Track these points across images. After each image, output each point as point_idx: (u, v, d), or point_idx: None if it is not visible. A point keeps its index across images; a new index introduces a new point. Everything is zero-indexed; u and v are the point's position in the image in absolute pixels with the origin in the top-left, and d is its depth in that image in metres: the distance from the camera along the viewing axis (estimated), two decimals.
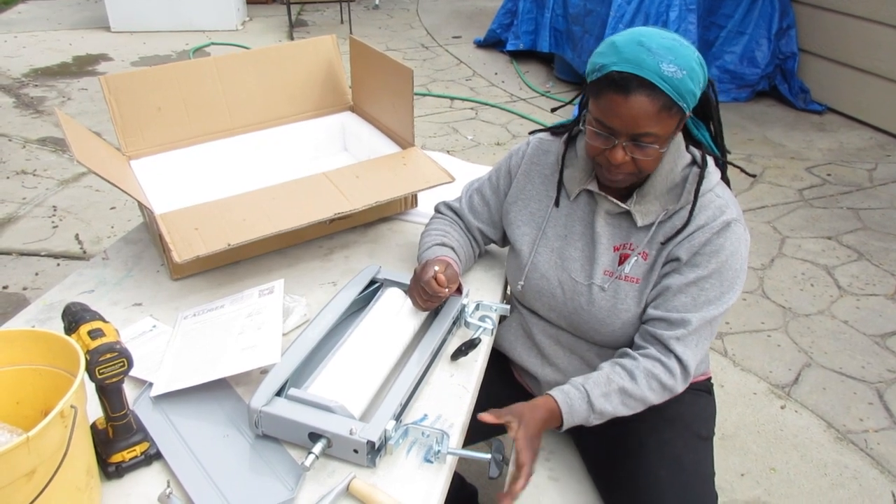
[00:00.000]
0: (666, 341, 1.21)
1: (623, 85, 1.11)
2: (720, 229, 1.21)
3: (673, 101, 1.11)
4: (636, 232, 1.28)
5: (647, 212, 1.26)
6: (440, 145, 4.22)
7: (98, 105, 4.69)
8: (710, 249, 1.21)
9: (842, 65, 4.57)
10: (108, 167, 1.43)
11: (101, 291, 1.44)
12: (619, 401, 1.20)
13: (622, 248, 1.29)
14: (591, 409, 1.19)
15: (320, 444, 1.03)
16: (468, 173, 1.65)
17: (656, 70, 1.09)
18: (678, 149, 1.26)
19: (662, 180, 1.25)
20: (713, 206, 1.23)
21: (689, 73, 1.11)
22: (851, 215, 3.48)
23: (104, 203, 3.54)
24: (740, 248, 1.23)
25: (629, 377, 1.21)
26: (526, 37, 5.53)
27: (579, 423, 1.20)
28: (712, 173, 1.25)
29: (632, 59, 1.11)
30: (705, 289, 1.21)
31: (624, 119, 1.13)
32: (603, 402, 1.19)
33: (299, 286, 1.46)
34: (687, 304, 1.21)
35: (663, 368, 1.21)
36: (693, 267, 1.22)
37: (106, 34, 6.36)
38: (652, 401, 1.22)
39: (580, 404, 1.19)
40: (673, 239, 1.24)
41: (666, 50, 1.11)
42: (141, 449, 1.04)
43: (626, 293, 1.27)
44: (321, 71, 1.87)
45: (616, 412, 1.21)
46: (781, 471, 2.10)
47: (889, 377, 2.45)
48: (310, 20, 7.06)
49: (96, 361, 0.93)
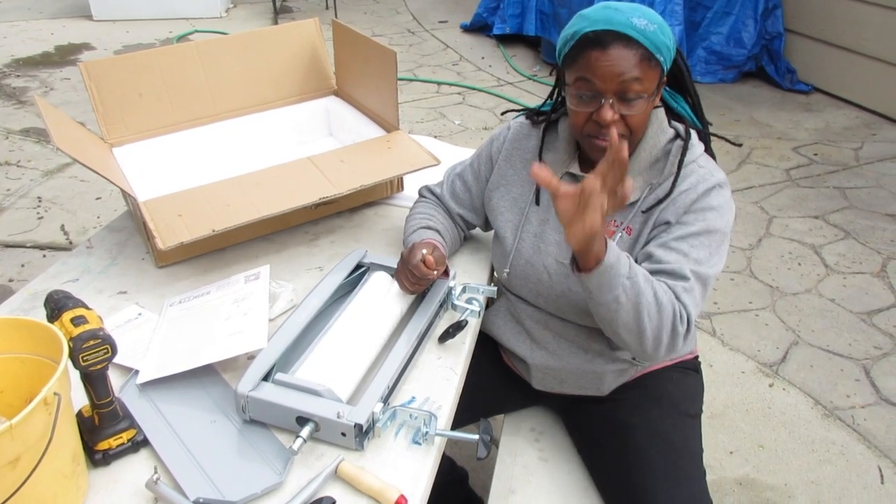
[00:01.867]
0: (674, 289, 1.15)
1: (599, 40, 1.12)
2: (707, 189, 1.20)
3: (650, 53, 1.12)
4: (620, 209, 1.26)
5: (632, 189, 1.25)
6: (428, 130, 4.21)
7: (81, 94, 4.64)
8: (697, 207, 1.20)
9: (827, 44, 4.57)
10: (89, 154, 1.42)
11: (86, 280, 1.43)
12: (646, 285, 1.11)
13: (606, 225, 1.27)
14: (630, 268, 1.10)
15: (308, 427, 1.02)
16: (455, 157, 1.65)
17: (628, 24, 1.12)
18: (660, 124, 1.26)
19: (646, 155, 1.25)
20: (697, 175, 1.22)
21: (659, 27, 1.13)
22: (838, 194, 3.50)
23: (90, 193, 3.51)
24: (726, 211, 1.22)
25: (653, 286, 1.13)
26: (512, 20, 5.51)
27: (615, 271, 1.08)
28: (696, 145, 1.25)
29: (602, 19, 1.13)
30: (695, 246, 1.18)
31: (606, 73, 1.12)
32: (638, 275, 1.11)
33: (285, 272, 1.46)
34: (680, 260, 1.17)
35: (676, 305, 1.14)
36: (682, 225, 1.20)
37: (88, 23, 6.29)
38: (665, 321, 1.13)
39: (622, 256, 1.10)
40: (656, 206, 1.22)
41: (632, 9, 1.14)
42: (128, 436, 1.03)
43: None
44: (305, 55, 1.85)
45: (639, 296, 1.10)
46: (770, 448, 2.12)
47: (875, 354, 2.47)
48: (295, 6, 7.00)
49: (80, 348, 0.92)
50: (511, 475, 1.39)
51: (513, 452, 1.44)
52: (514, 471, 1.40)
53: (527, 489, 1.37)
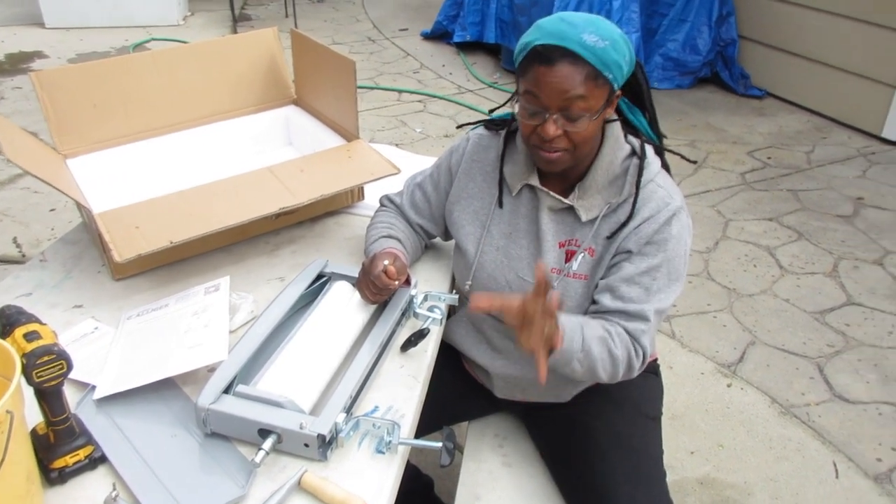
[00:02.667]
0: (631, 333, 1.21)
1: (547, 56, 1.12)
2: (667, 219, 1.22)
3: (598, 71, 1.12)
4: (580, 227, 1.27)
5: (590, 206, 1.26)
6: (389, 138, 4.21)
7: (33, 104, 4.52)
8: (659, 238, 1.22)
9: (779, 50, 4.70)
10: (41, 166, 1.39)
11: (40, 294, 1.40)
12: (600, 349, 1.17)
13: (567, 245, 1.28)
14: (583, 342, 1.15)
15: (270, 439, 1.02)
16: (415, 165, 1.65)
17: (578, 40, 1.11)
18: (617, 140, 1.26)
19: (603, 173, 1.25)
20: (656, 197, 1.23)
21: (612, 43, 1.12)
22: (791, 197, 3.59)
23: (43, 205, 3.43)
24: (685, 237, 1.25)
25: (608, 335, 1.19)
26: (472, 28, 5.54)
27: (569, 352, 1.14)
28: (652, 163, 1.26)
29: (554, 32, 1.13)
30: (657, 278, 1.22)
31: (550, 89, 1.13)
32: (592, 343, 1.16)
33: (246, 283, 1.44)
34: (641, 295, 1.21)
35: (632, 345, 1.21)
36: (643, 256, 1.22)
37: (40, 31, 6.15)
38: (619, 369, 1.20)
39: (575, 333, 1.15)
40: (619, 232, 1.23)
41: (587, 23, 1.13)
42: (85, 453, 1.01)
43: (576, 290, 1.28)
44: (263, 64, 1.84)
45: (596, 361, 1.17)
46: (729, 447, 2.17)
47: (828, 352, 2.54)
48: (254, 14, 6.95)
49: (33, 364, 0.90)
50: (476, 481, 1.40)
51: (477, 459, 1.45)
52: (478, 477, 1.41)
53: (492, 495, 1.37)
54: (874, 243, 3.18)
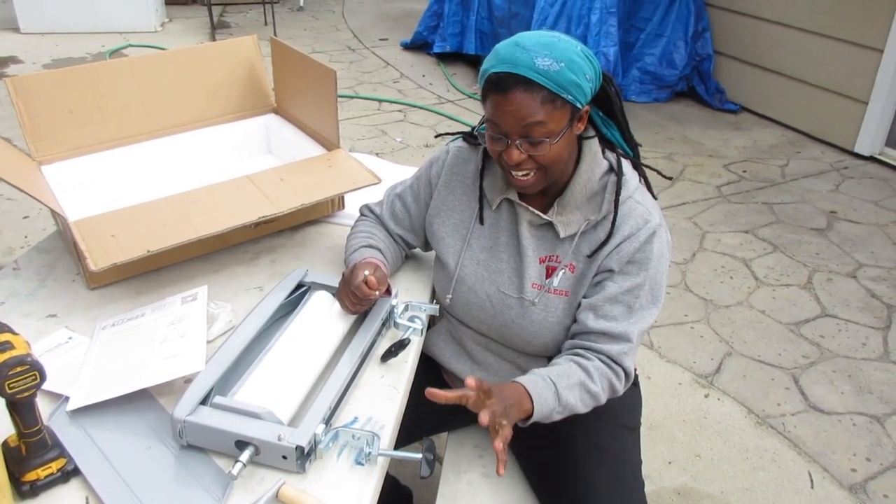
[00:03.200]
0: (613, 357, 1.22)
1: (501, 84, 1.12)
2: (648, 237, 1.22)
3: (555, 94, 1.11)
4: (560, 243, 1.27)
5: (569, 222, 1.26)
6: (369, 147, 4.20)
7: (6, 110, 4.46)
8: (640, 257, 1.22)
9: (753, 66, 4.77)
10: (15, 173, 1.37)
11: (12, 303, 1.37)
12: (579, 395, 1.19)
13: (548, 260, 1.28)
14: (558, 399, 1.16)
15: (248, 451, 1.01)
16: (396, 175, 1.65)
17: (530, 65, 1.10)
18: (595, 156, 1.26)
19: (581, 189, 1.25)
20: (636, 215, 1.23)
21: (567, 64, 1.11)
22: (766, 209, 3.64)
23: (16, 212, 3.38)
24: (665, 254, 1.26)
25: (586, 374, 1.20)
26: (452, 39, 5.57)
27: (545, 413, 1.15)
28: (630, 179, 1.26)
29: (507, 59, 1.13)
30: (639, 296, 1.23)
31: (508, 117, 1.13)
32: (567, 393, 1.17)
33: (224, 292, 1.43)
34: (624, 314, 1.22)
35: (613, 373, 1.23)
36: (625, 275, 1.23)
37: (15, 35, 6.07)
38: (601, 400, 1.23)
39: (547, 393, 1.15)
40: (600, 251, 1.24)
41: (541, 46, 1.12)
42: (57, 465, 0.99)
43: (556, 306, 1.28)
44: (243, 72, 1.83)
45: (576, 407, 1.19)
46: (706, 457, 2.18)
47: (803, 363, 2.57)
48: (232, 21, 6.92)
49: (5, 375, 0.88)
50: (455, 492, 1.39)
51: (457, 470, 1.44)
52: (458, 488, 1.40)
53: None
54: (847, 256, 3.23)
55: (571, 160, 1.25)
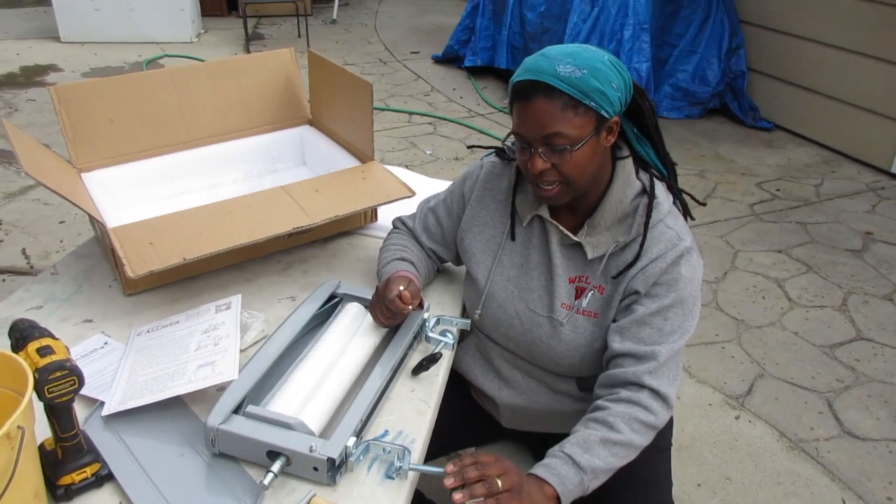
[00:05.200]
0: (637, 379, 1.16)
1: (524, 92, 1.13)
2: (676, 258, 1.19)
3: (576, 100, 1.11)
4: (589, 264, 1.25)
5: (598, 244, 1.24)
6: (399, 160, 4.22)
7: (47, 116, 4.57)
8: (668, 279, 1.19)
9: (788, 83, 4.72)
10: (57, 179, 1.40)
11: (50, 307, 1.39)
12: (606, 452, 1.11)
13: (577, 281, 1.27)
14: (580, 469, 1.08)
15: (279, 462, 1.01)
16: (427, 188, 1.65)
17: (552, 72, 1.11)
18: (628, 177, 1.24)
19: (612, 210, 1.23)
20: (665, 239, 1.21)
21: (590, 71, 1.11)
22: (800, 229, 3.58)
23: (53, 217, 3.44)
24: (696, 275, 1.22)
25: (606, 427, 1.14)
26: (483, 53, 5.58)
27: (576, 491, 1.08)
28: (662, 202, 1.23)
29: (531, 68, 1.13)
30: (669, 318, 1.19)
31: (530, 124, 1.14)
32: (589, 458, 1.09)
33: (257, 301, 1.44)
34: (653, 336, 1.18)
35: (639, 408, 1.15)
36: (653, 298, 1.19)
37: (56, 44, 6.22)
38: (641, 443, 1.15)
39: (566, 470, 1.08)
40: (625, 273, 1.21)
41: (565, 55, 1.13)
42: (91, 470, 1.00)
43: (585, 328, 1.26)
44: (279, 84, 1.85)
45: (609, 465, 1.11)
46: (737, 480, 2.14)
47: (838, 387, 2.52)
48: (266, 33, 7.01)
49: (45, 380, 0.89)
50: None
51: None
52: None
53: None
54: (884, 278, 3.17)
55: (601, 175, 1.23)
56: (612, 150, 1.25)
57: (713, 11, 4.73)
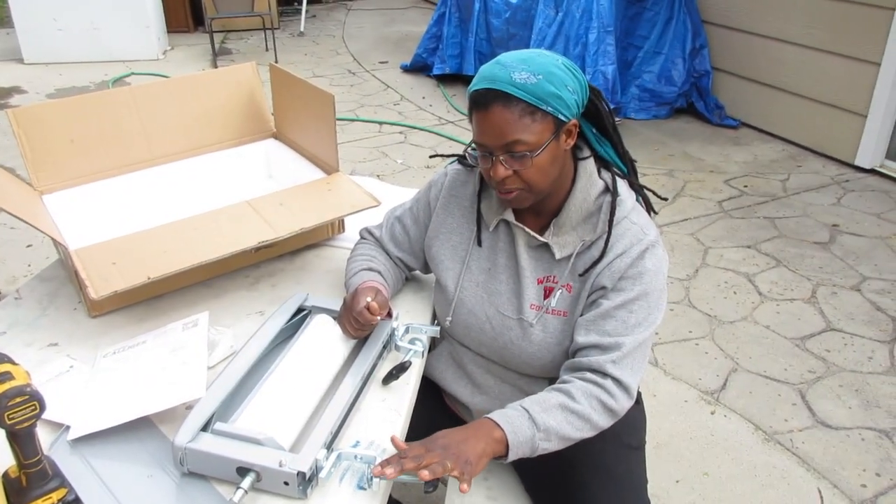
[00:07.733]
0: (600, 367, 1.17)
1: (481, 101, 1.15)
2: (641, 252, 1.21)
3: (534, 106, 1.12)
4: (557, 264, 1.27)
5: (565, 243, 1.25)
6: (370, 170, 4.22)
7: (10, 140, 4.48)
8: (633, 272, 1.21)
9: (752, 81, 4.79)
10: (17, 203, 1.38)
11: (14, 332, 1.37)
12: (562, 417, 1.13)
13: (546, 281, 1.28)
14: (534, 424, 1.11)
15: (249, 478, 1.00)
16: (397, 197, 1.66)
17: (508, 80, 1.12)
18: (590, 177, 1.26)
19: (577, 209, 1.25)
20: (630, 234, 1.22)
21: (546, 76, 1.12)
22: (768, 224, 3.64)
23: (20, 241, 3.39)
24: (662, 268, 1.24)
25: (567, 395, 1.16)
26: (452, 60, 5.61)
27: (525, 444, 1.11)
28: (625, 199, 1.25)
29: (487, 76, 1.15)
30: (634, 311, 1.20)
31: (489, 133, 1.15)
32: (545, 416, 1.12)
33: (226, 317, 1.43)
34: (618, 328, 1.19)
35: (601, 389, 1.16)
36: (619, 291, 1.21)
37: (19, 66, 6.14)
38: (597, 421, 1.17)
39: (521, 421, 1.11)
40: (592, 269, 1.23)
41: (519, 61, 1.14)
42: (58, 496, 0.98)
43: (555, 327, 1.27)
44: (242, 98, 1.85)
45: (562, 430, 1.13)
46: (714, 475, 2.16)
47: (810, 378, 2.55)
48: (234, 48, 6.99)
49: (5, 406, 0.88)
50: None
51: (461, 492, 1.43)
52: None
53: None
54: (851, 269, 3.22)
55: (563, 177, 1.24)
56: (573, 152, 1.26)
57: (676, 13, 4.79)
